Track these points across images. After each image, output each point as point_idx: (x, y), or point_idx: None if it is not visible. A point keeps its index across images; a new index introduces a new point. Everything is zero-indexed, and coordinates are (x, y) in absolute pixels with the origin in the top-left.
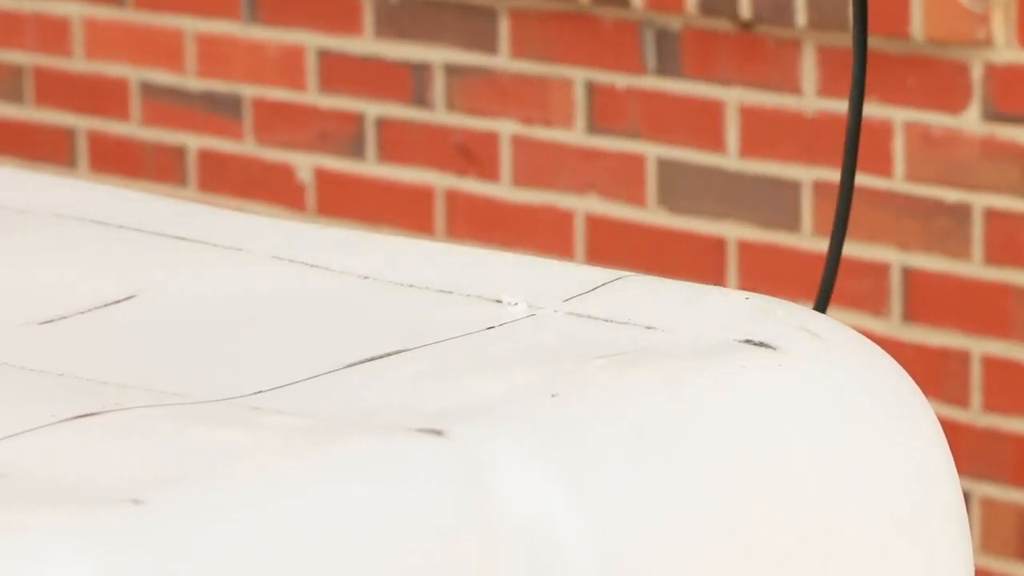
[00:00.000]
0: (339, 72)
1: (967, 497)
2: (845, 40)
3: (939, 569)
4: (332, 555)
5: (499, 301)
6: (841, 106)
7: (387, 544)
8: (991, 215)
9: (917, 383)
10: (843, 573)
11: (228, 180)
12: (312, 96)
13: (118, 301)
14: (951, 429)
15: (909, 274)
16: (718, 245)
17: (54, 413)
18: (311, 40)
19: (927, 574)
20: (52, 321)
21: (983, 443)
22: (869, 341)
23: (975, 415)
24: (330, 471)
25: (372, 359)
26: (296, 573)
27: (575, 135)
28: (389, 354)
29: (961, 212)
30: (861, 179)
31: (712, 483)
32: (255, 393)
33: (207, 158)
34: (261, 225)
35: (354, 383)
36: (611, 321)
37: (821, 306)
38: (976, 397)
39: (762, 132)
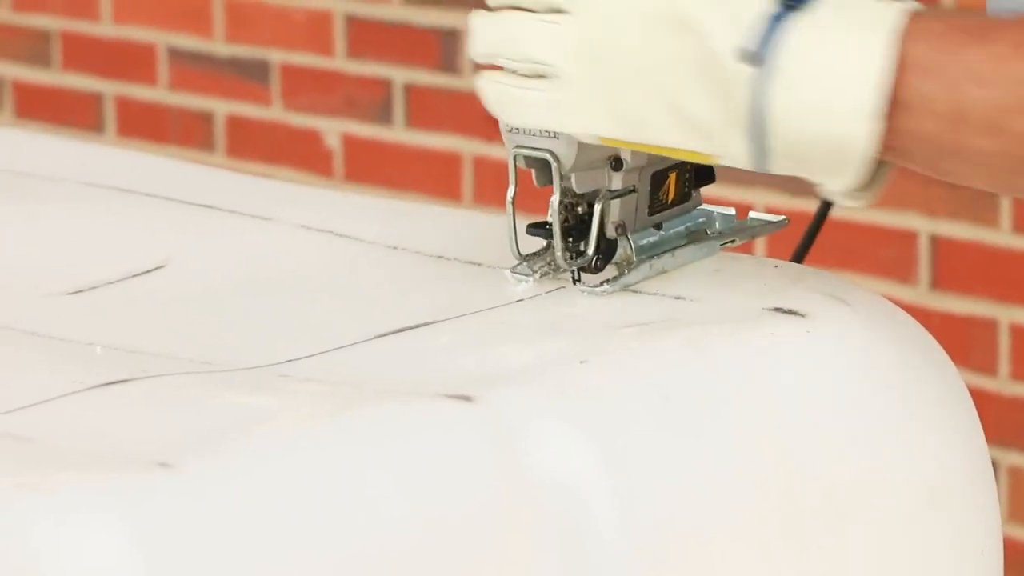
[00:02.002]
0: (367, 37)
1: (994, 466)
2: None
3: (968, 538)
4: (361, 518)
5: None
6: None
7: (417, 507)
8: None
9: (944, 351)
10: (871, 540)
11: (255, 145)
12: (340, 62)
13: (148, 271)
14: (978, 397)
15: (937, 242)
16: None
17: (83, 380)
18: (339, 5)
19: (956, 543)
20: (81, 291)
21: (1010, 411)
22: (899, 308)
23: (1003, 383)
24: (359, 435)
25: (402, 330)
26: (324, 535)
27: None
28: (418, 325)
29: None
30: None
31: (740, 447)
32: (284, 362)
33: (234, 123)
34: (289, 194)
35: (383, 353)
36: (639, 292)
37: (797, 258)
38: (1004, 365)
39: None
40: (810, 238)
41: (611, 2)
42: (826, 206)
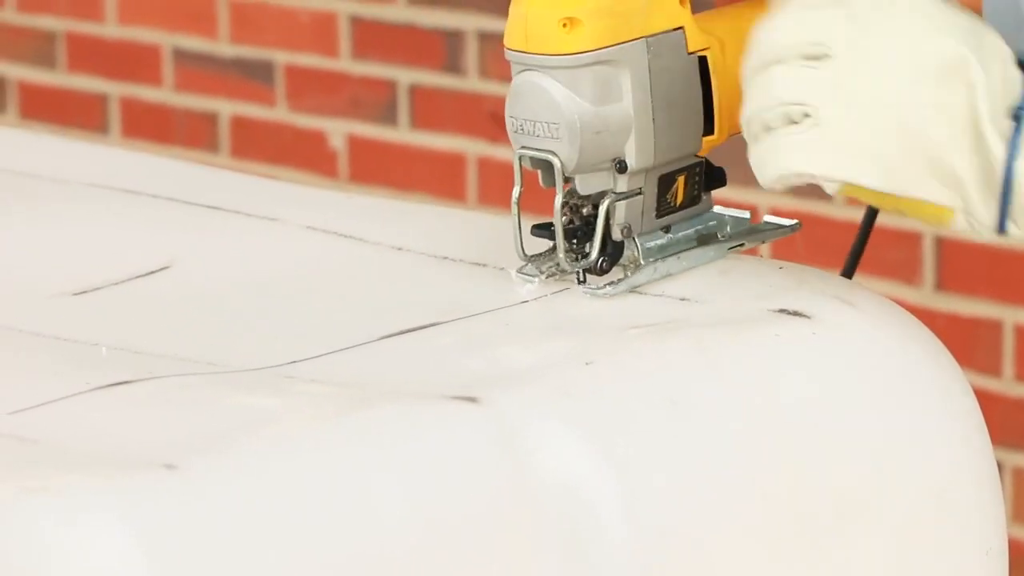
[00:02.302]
0: (372, 38)
1: (999, 467)
2: None
3: (973, 538)
4: (365, 519)
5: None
6: None
7: (421, 508)
8: None
9: (949, 352)
10: (877, 542)
11: (260, 147)
12: (344, 63)
13: (152, 272)
14: (983, 399)
15: (941, 243)
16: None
17: (88, 381)
18: (344, 6)
19: (961, 543)
20: (86, 292)
21: (1015, 412)
22: (903, 310)
23: (1007, 384)
24: (364, 436)
25: (406, 331)
26: (329, 536)
27: None
28: (423, 327)
29: None
30: None
31: (744, 448)
32: (289, 363)
33: (239, 124)
34: (294, 195)
35: (388, 354)
36: (645, 293)
37: (848, 273)
38: (1008, 366)
39: None
40: (858, 250)
41: (878, 49)
42: (871, 218)
